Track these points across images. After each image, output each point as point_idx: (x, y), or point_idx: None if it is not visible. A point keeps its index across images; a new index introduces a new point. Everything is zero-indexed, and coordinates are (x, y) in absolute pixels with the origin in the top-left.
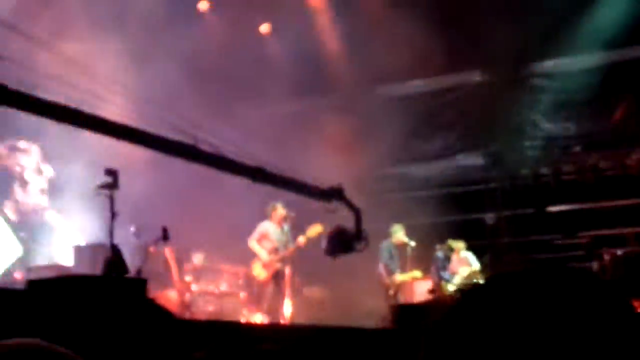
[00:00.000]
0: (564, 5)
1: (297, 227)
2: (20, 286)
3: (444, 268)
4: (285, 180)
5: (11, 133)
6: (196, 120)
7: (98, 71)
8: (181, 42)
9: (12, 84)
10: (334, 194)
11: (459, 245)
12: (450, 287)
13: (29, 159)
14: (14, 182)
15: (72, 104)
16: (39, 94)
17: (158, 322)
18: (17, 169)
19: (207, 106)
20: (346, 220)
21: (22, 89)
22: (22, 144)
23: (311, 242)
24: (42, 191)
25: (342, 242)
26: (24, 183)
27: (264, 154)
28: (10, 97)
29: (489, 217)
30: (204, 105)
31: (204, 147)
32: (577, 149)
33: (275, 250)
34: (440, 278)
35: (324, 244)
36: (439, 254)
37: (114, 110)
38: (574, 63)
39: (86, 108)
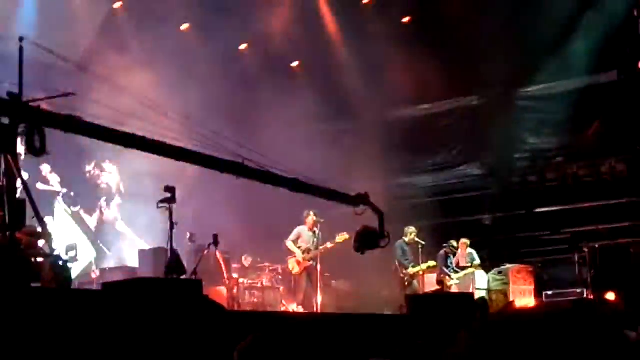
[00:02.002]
0: (544, 39)
1: (325, 231)
2: (96, 286)
3: (447, 264)
4: (319, 189)
5: (96, 155)
6: (240, 141)
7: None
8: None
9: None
10: (361, 199)
11: (464, 241)
12: (454, 280)
13: (112, 178)
14: (101, 198)
15: (139, 132)
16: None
17: (212, 315)
18: (104, 186)
19: (249, 130)
20: (371, 221)
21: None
22: (107, 165)
23: (338, 246)
24: (119, 206)
25: (368, 240)
26: (109, 199)
27: (299, 168)
28: (84, 127)
29: (486, 218)
30: (246, 130)
31: (249, 164)
32: (559, 159)
33: (307, 250)
34: (443, 272)
35: (353, 242)
36: (442, 251)
37: (174, 136)
38: (554, 87)
39: (152, 135)
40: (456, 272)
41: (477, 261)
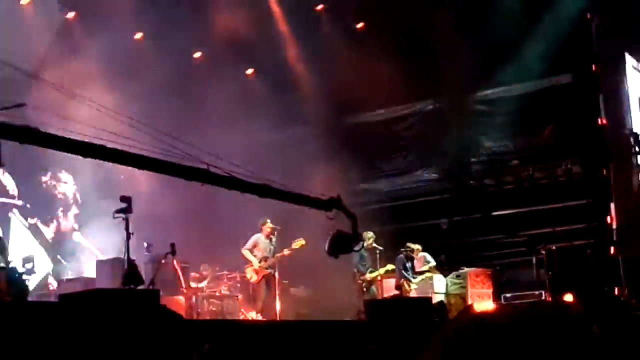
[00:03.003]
0: (498, 43)
1: (282, 238)
2: (54, 298)
3: (406, 267)
4: (289, 194)
5: (51, 165)
6: (204, 148)
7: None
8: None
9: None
10: (334, 203)
11: (416, 247)
12: (413, 284)
13: (68, 188)
14: (58, 208)
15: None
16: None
17: (170, 324)
18: (61, 197)
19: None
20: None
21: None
22: (63, 175)
23: (295, 252)
24: (75, 216)
25: (342, 244)
26: (66, 209)
27: (257, 175)
28: (41, 138)
29: (443, 223)
30: (207, 137)
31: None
32: (515, 162)
33: (264, 258)
34: (402, 276)
35: (326, 246)
36: (401, 255)
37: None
38: (509, 90)
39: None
40: (414, 277)
41: (432, 263)
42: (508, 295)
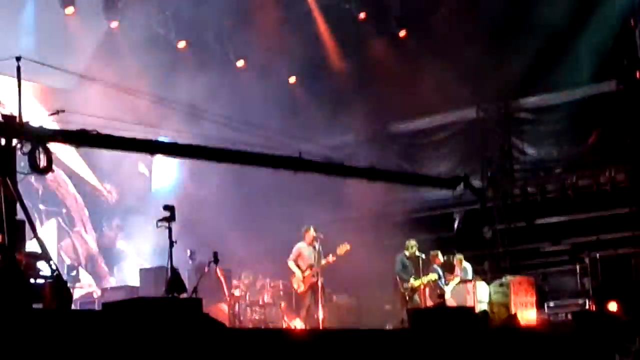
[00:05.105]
0: (541, 51)
1: (325, 244)
2: (98, 306)
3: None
4: (407, 176)
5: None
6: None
7: None
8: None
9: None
10: (460, 180)
11: (459, 257)
12: (447, 292)
13: (112, 198)
14: (102, 217)
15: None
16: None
17: (213, 333)
18: (105, 206)
19: None
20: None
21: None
22: (106, 185)
23: (340, 258)
24: (118, 226)
25: (472, 222)
26: (109, 218)
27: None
28: (92, 139)
29: (487, 231)
30: None
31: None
32: (559, 170)
33: (310, 266)
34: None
35: (455, 224)
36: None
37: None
38: (552, 98)
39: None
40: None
41: (469, 275)
42: (551, 304)
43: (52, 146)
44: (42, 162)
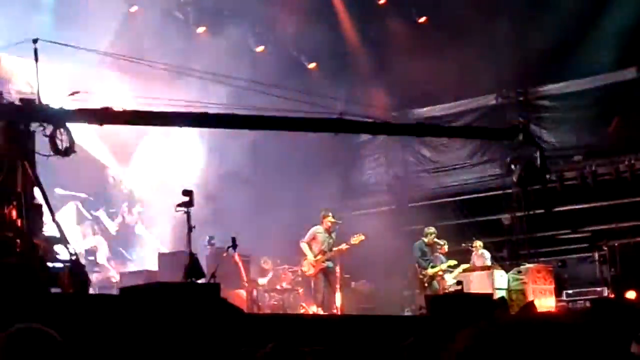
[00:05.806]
0: (561, 38)
1: (340, 232)
2: (116, 291)
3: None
4: (463, 129)
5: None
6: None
7: None
8: None
9: None
10: (518, 130)
11: (478, 244)
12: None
13: (133, 184)
14: (123, 203)
15: None
16: None
17: (231, 318)
18: (126, 192)
19: None
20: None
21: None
22: (128, 170)
23: (354, 247)
24: (139, 213)
25: (533, 174)
26: (130, 205)
27: None
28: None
29: (505, 218)
30: None
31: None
32: (578, 158)
33: (322, 252)
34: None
35: (515, 177)
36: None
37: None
38: (572, 85)
39: None
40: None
41: (489, 262)
42: (570, 291)
43: (72, 131)
44: (65, 143)
